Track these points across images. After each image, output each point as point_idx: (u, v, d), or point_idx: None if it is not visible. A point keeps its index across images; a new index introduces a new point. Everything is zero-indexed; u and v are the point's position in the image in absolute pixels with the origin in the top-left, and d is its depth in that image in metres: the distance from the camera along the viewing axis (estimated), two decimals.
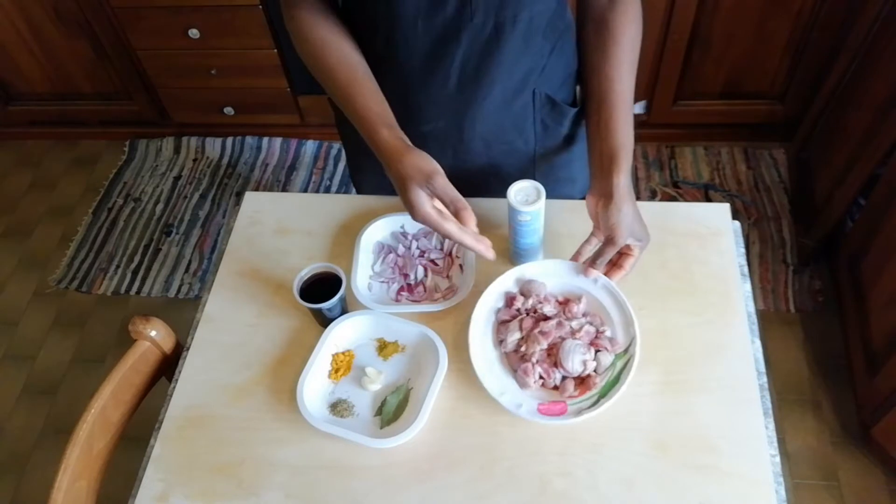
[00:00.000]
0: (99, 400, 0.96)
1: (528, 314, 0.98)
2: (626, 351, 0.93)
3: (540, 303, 0.99)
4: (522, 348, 0.95)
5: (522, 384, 0.92)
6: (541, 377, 0.92)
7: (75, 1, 2.14)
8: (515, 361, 0.94)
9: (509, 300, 1.00)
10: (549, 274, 1.01)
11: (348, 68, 0.92)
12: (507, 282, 1.01)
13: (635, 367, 0.90)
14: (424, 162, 0.84)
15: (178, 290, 2.16)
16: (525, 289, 1.00)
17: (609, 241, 0.91)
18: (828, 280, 1.98)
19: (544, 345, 0.93)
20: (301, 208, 1.18)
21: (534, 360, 0.93)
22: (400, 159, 0.84)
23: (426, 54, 0.92)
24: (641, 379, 0.92)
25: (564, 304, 0.98)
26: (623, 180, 0.90)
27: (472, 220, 0.84)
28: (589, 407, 0.89)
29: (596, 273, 0.95)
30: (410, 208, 0.85)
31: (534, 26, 0.91)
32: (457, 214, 0.84)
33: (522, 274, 1.01)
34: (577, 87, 1.07)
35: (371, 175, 1.19)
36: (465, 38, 0.89)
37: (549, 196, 0.96)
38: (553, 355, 0.93)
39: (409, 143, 0.87)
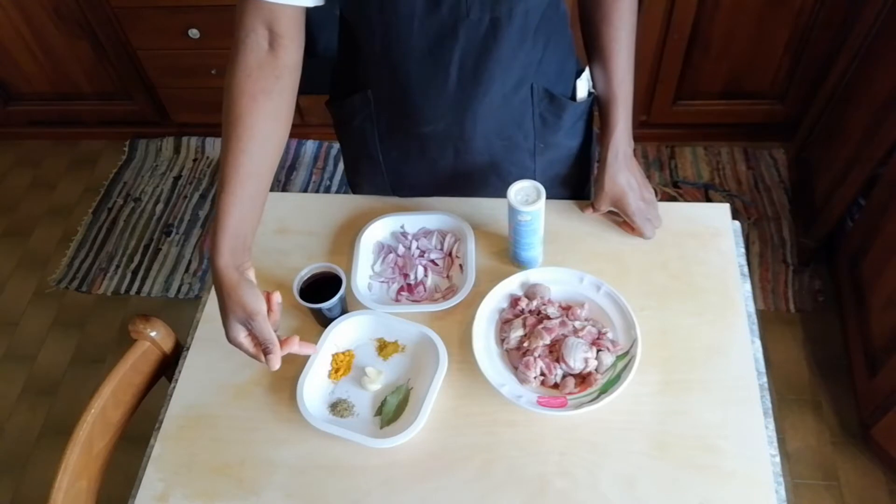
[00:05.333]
0: (99, 400, 0.96)
1: (531, 314, 0.99)
2: (626, 353, 0.93)
3: (544, 304, 0.99)
4: (525, 344, 0.95)
5: (523, 379, 0.93)
6: (542, 373, 0.92)
7: (75, 1, 2.14)
8: (517, 358, 0.95)
9: (514, 301, 1.00)
10: (553, 281, 1.01)
11: (239, 164, 0.87)
12: (511, 285, 1.02)
13: (636, 368, 0.90)
14: (251, 300, 0.86)
15: (178, 290, 2.16)
16: (530, 292, 1.01)
17: (624, 207, 1.05)
18: (828, 280, 1.98)
19: (547, 340, 0.94)
20: (301, 208, 1.18)
21: (536, 354, 0.93)
22: (229, 292, 0.86)
23: (424, 54, 0.92)
24: (641, 379, 0.92)
25: (567, 309, 0.99)
26: (614, 146, 1.03)
27: (275, 365, 0.87)
28: (589, 402, 0.89)
29: (651, 233, 1.07)
30: (226, 332, 0.88)
31: (529, 20, 0.91)
32: (265, 354, 0.87)
33: (527, 278, 1.02)
34: (577, 82, 1.07)
35: (369, 179, 1.19)
36: (462, 35, 0.89)
37: (548, 196, 0.97)
38: (555, 352, 0.94)
39: (244, 272, 0.88)
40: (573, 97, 1.08)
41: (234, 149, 0.87)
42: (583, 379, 0.93)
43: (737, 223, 1.10)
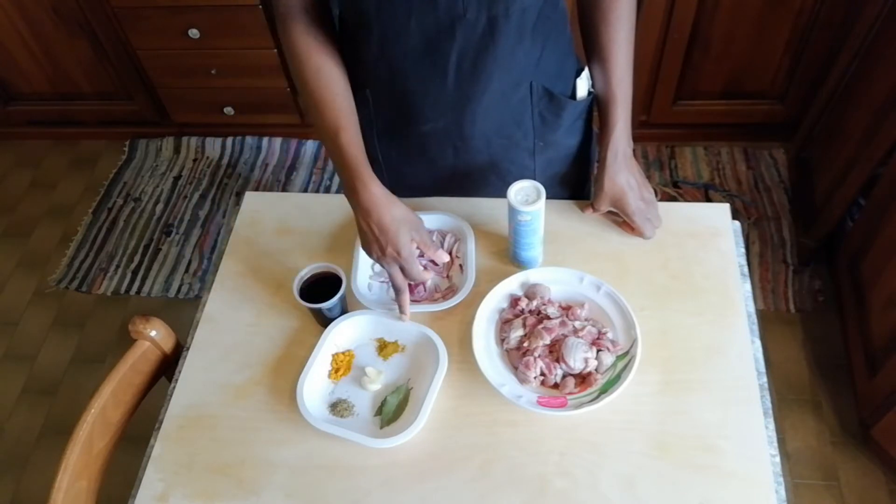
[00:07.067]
0: (99, 400, 0.96)
1: (531, 314, 0.99)
2: (626, 353, 0.93)
3: (544, 304, 0.99)
4: (525, 344, 0.95)
5: (523, 379, 0.93)
6: (542, 373, 0.92)
7: (75, 1, 2.14)
8: (517, 358, 0.95)
9: (514, 301, 1.00)
10: (553, 281, 1.01)
11: (339, 107, 0.95)
12: (511, 285, 1.02)
13: (636, 368, 0.90)
14: (410, 212, 0.96)
15: (178, 290, 2.16)
16: (530, 292, 1.01)
17: (624, 207, 1.05)
18: (828, 280, 1.98)
19: (547, 340, 0.94)
20: (301, 208, 1.18)
21: (536, 354, 0.93)
22: (390, 209, 0.93)
23: (421, 53, 0.93)
24: (641, 379, 0.92)
25: (567, 309, 0.99)
26: (614, 146, 1.03)
27: (445, 257, 1.01)
28: (589, 402, 0.89)
29: (650, 232, 1.06)
30: (399, 247, 0.93)
31: (526, 18, 0.91)
32: (433, 257, 0.99)
33: (527, 278, 1.02)
34: (576, 81, 1.07)
35: None
36: (459, 34, 0.90)
37: (548, 195, 0.97)
38: (555, 352, 0.94)
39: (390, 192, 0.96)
40: (573, 96, 1.08)
41: (329, 94, 0.95)
42: (583, 379, 0.93)
43: (737, 223, 1.10)
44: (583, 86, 1.08)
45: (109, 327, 2.12)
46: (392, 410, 0.93)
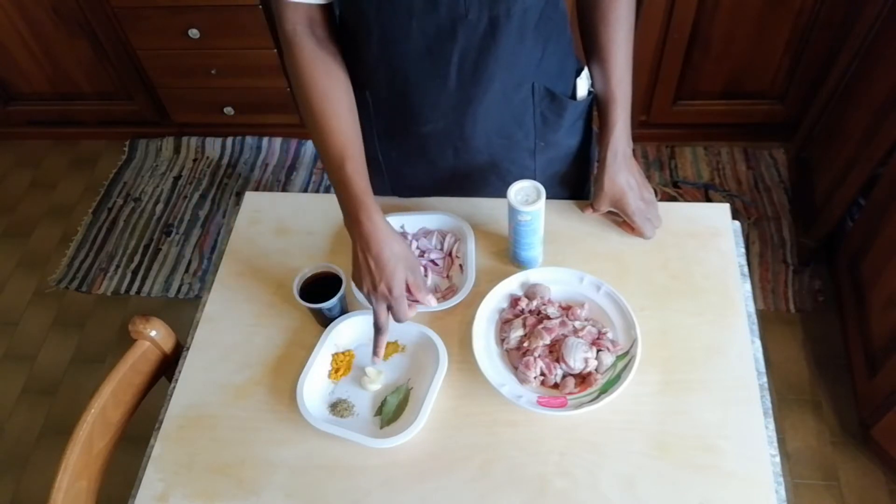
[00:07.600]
0: (99, 400, 0.96)
1: (531, 314, 0.99)
2: (626, 353, 0.93)
3: (544, 304, 0.99)
4: (525, 344, 0.95)
5: (523, 379, 0.93)
6: (542, 373, 0.92)
7: (75, 1, 2.14)
8: (517, 358, 0.95)
9: (514, 301, 1.00)
10: (553, 281, 1.01)
11: (345, 133, 0.94)
12: (511, 285, 1.02)
13: (636, 368, 0.90)
14: (409, 251, 0.96)
15: (178, 290, 2.16)
16: (530, 292, 1.01)
17: (624, 207, 1.05)
18: (828, 280, 1.98)
19: (547, 340, 0.94)
20: (301, 208, 1.18)
21: (536, 354, 0.93)
22: (391, 245, 0.92)
23: (422, 55, 0.92)
24: (641, 379, 0.92)
25: (567, 309, 0.99)
26: (614, 146, 1.02)
27: (433, 301, 0.96)
28: (589, 402, 0.89)
29: (650, 233, 1.06)
30: (393, 285, 0.91)
31: (528, 19, 0.91)
32: (421, 300, 0.95)
33: (527, 278, 1.02)
34: (577, 80, 1.07)
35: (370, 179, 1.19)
36: (461, 35, 0.90)
37: (548, 195, 0.97)
38: (555, 352, 0.94)
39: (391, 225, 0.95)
40: (573, 96, 1.08)
41: (335, 122, 0.93)
42: (583, 379, 0.93)
43: (737, 223, 1.10)
44: (583, 85, 1.08)
45: (109, 327, 2.12)
46: (392, 410, 0.93)
